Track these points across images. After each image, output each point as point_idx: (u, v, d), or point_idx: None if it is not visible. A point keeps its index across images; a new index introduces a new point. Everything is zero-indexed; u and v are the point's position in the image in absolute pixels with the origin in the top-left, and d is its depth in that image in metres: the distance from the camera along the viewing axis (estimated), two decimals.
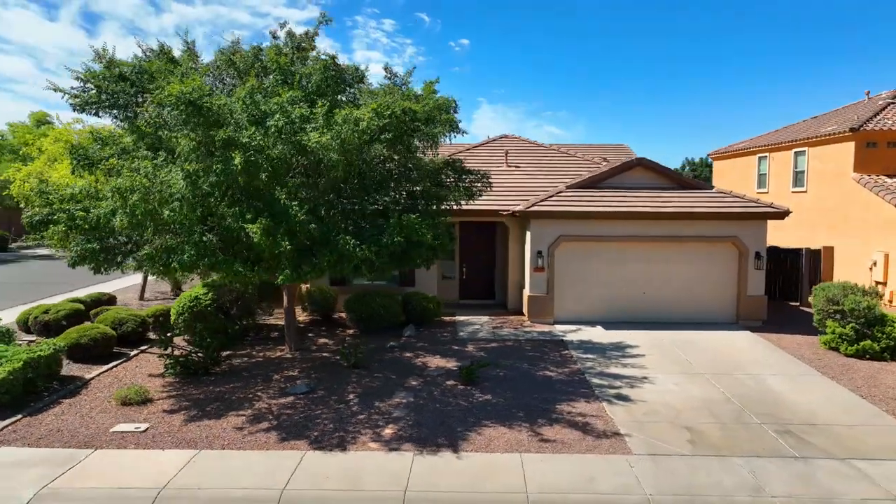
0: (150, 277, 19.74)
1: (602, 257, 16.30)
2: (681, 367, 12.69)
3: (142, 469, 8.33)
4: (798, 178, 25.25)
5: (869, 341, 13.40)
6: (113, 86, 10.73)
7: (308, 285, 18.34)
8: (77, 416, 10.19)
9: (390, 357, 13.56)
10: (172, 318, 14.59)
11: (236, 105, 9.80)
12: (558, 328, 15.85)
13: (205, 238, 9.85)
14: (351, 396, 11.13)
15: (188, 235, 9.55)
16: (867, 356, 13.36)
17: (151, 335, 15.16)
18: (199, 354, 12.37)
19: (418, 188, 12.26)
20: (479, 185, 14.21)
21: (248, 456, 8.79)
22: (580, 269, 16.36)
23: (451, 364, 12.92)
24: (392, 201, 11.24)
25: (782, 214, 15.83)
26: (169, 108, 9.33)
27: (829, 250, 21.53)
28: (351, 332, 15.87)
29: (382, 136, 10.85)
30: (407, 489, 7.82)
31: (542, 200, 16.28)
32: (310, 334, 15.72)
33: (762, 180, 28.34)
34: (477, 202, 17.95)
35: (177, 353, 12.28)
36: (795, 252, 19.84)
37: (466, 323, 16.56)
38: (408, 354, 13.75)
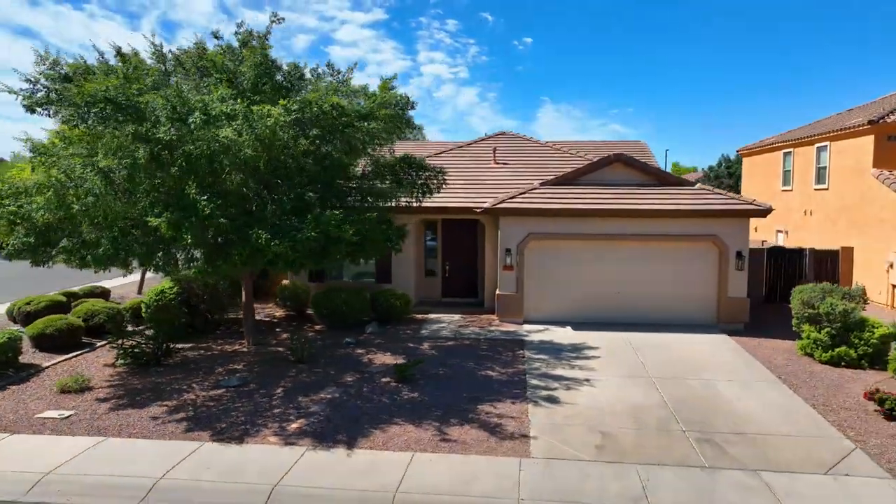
0: (148, 273, 20.43)
1: (574, 256, 15.80)
2: (632, 370, 12.14)
3: (41, 454, 8.59)
4: (820, 174, 23.82)
5: (845, 347, 12.47)
6: (58, 86, 11.15)
7: (287, 280, 18.60)
8: (13, 402, 10.63)
9: (342, 353, 13.55)
10: (143, 311, 15.07)
11: (158, 102, 10.00)
12: (525, 328, 15.47)
13: (133, 232, 10.10)
14: (279, 391, 11.17)
15: (109, 230, 9.81)
16: (843, 363, 12.43)
17: (130, 327, 15.70)
18: (149, 346, 12.70)
19: (353, 184, 12.19)
20: (435, 181, 14.02)
21: (148, 445, 8.94)
22: (552, 268, 15.91)
23: (398, 361, 12.78)
24: (321, 196, 11.18)
25: (763, 212, 14.92)
26: (89, 107, 9.59)
27: (849, 251, 20.25)
28: (318, 327, 15.96)
29: (311, 132, 10.85)
30: (279, 483, 7.77)
31: (512, 198, 15.92)
32: (277, 329, 15.92)
33: (787, 177, 26.91)
34: (458, 199, 17.89)
35: (127, 344, 12.66)
36: (798, 252, 18.72)
37: (436, 321, 16.37)
38: (360, 351, 13.71)
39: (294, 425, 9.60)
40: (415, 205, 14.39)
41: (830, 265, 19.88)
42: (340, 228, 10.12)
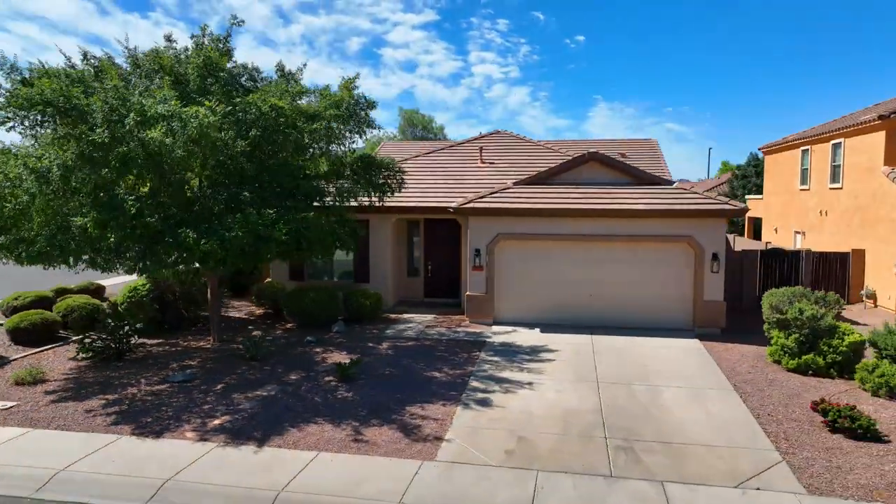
0: None
1: (546, 257, 15.47)
2: (582, 374, 11.78)
3: None
4: (835, 172, 22.70)
5: (812, 355, 11.81)
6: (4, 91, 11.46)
7: (270, 279, 18.84)
8: None
9: (300, 352, 13.62)
10: (118, 307, 15.50)
11: (97, 104, 10.25)
12: (493, 329, 15.22)
13: (73, 230, 10.38)
14: (219, 387, 11.30)
15: (47, 228, 10.11)
16: (810, 371, 11.77)
17: (112, 323, 16.15)
18: (110, 341, 13.05)
19: (308, 184, 12.21)
20: (394, 180, 13.96)
21: (68, 437, 9.16)
22: (522, 269, 15.62)
23: (349, 360, 12.80)
24: (262, 196, 11.23)
25: (739, 212, 14.28)
26: (26, 110, 9.90)
27: (860, 253, 19.27)
28: (290, 326, 16.09)
29: (251, 133, 10.95)
30: (173, 478, 7.84)
31: (482, 197, 15.71)
32: (249, 326, 16.12)
33: (804, 176, 25.76)
34: (438, 199, 17.76)
35: (88, 339, 13.03)
36: (794, 255, 17.86)
37: (407, 321, 16.29)
38: (317, 350, 13.75)
39: (216, 421, 9.69)
40: (378, 204, 14.36)
41: (840, 268, 18.92)
42: (272, 228, 10.16)
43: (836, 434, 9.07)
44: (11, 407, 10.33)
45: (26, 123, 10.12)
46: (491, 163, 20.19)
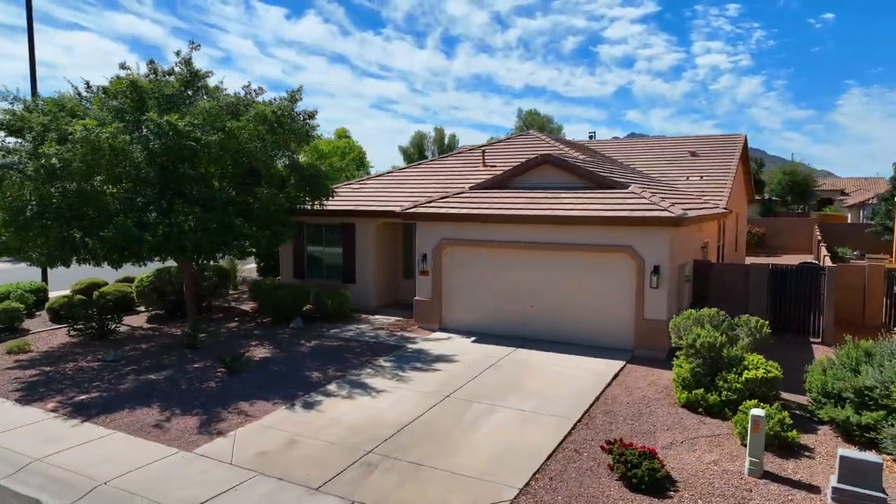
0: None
1: (489, 263, 14.85)
2: (444, 389, 11.31)
3: None
4: None
5: (702, 390, 10.06)
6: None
7: (280, 276, 20.43)
8: None
9: (240, 343, 14.81)
10: (135, 296, 18.15)
11: (35, 127, 12.42)
12: (431, 336, 15.03)
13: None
14: (130, 368, 12.89)
15: None
16: (700, 409, 10.07)
17: (141, 308, 18.92)
18: (92, 324, 15.46)
19: (225, 191, 13.38)
20: (323, 187, 14.58)
21: None
22: (467, 276, 15.17)
23: (267, 355, 13.72)
24: (166, 201, 12.61)
25: (677, 220, 12.39)
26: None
27: None
28: (266, 320, 17.41)
29: (153, 146, 12.38)
30: None
31: (430, 202, 15.55)
32: (235, 319, 17.78)
33: None
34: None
35: (79, 322, 15.55)
36: (813, 269, 14.88)
37: (367, 322, 16.72)
38: (254, 343, 14.85)
39: (83, 397, 11.21)
40: (313, 207, 15.19)
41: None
42: (143, 230, 11.47)
43: (618, 481, 7.85)
44: None
45: None
46: (493, 166, 19.66)
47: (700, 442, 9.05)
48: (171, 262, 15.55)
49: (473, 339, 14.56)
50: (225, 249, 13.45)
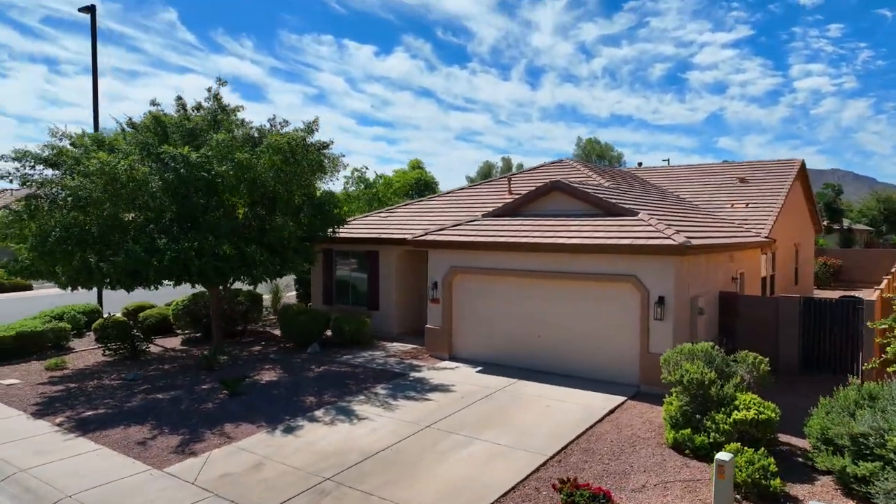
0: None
1: (497, 292, 14.59)
2: (428, 418, 11.13)
3: None
4: None
5: (689, 430, 9.38)
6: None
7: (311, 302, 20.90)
8: (10, 369, 15.17)
9: (257, 367, 15.21)
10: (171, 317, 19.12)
11: (66, 161, 13.51)
12: (438, 364, 14.86)
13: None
14: (143, 387, 13.50)
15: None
16: (687, 450, 9.38)
17: (179, 331, 19.91)
18: (123, 346, 16.37)
19: (241, 220, 14.02)
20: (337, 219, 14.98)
21: None
22: (476, 304, 14.96)
23: (273, 379, 14.04)
24: (180, 229, 13.37)
25: (680, 249, 11.70)
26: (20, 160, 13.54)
27: None
28: (289, 345, 17.83)
29: (166, 176, 13.16)
30: None
31: (442, 230, 15.53)
32: (262, 342, 18.31)
33: None
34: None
35: (111, 343, 16.51)
36: (851, 303, 13.62)
37: (382, 349, 16.77)
38: (267, 367, 15.22)
39: (89, 412, 11.84)
40: (334, 235, 15.44)
41: None
42: (151, 256, 12.13)
43: None
44: (10, 384, 13.94)
45: (26, 170, 13.53)
46: (518, 193, 19.40)
47: (675, 487, 8.41)
48: (201, 287, 16.36)
49: (479, 369, 14.30)
50: (233, 275, 13.97)
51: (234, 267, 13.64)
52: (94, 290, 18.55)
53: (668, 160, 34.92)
